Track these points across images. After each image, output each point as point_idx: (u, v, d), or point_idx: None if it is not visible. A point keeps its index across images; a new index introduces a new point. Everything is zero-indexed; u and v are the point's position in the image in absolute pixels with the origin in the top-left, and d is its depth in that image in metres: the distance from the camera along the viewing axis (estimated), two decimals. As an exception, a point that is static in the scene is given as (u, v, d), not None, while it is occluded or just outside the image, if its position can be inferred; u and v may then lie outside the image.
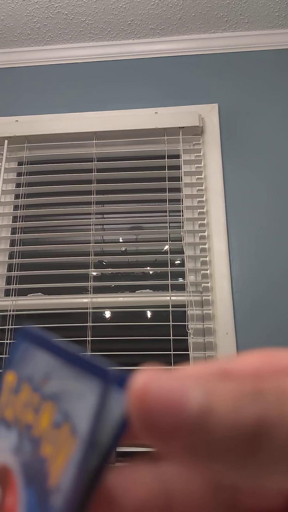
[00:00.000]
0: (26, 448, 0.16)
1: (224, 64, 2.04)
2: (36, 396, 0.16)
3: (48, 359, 0.17)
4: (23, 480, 0.15)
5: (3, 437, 0.17)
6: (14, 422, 0.17)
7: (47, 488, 0.14)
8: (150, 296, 1.74)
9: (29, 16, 1.97)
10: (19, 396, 0.17)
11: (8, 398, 0.18)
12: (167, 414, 0.12)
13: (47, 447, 0.15)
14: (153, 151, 1.93)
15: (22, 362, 0.18)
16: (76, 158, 1.96)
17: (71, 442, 0.14)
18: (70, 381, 0.16)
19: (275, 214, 1.78)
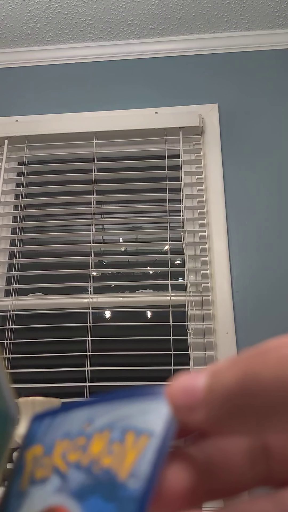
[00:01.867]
0: (76, 478, 0.19)
1: (224, 64, 2.04)
2: (81, 439, 0.20)
3: (79, 414, 0.20)
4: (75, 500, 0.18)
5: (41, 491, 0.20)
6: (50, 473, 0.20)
7: (117, 484, 0.17)
8: (150, 296, 1.74)
9: (29, 16, 1.97)
10: (53, 453, 0.20)
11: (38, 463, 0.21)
12: (186, 395, 0.17)
13: (106, 460, 0.18)
14: (153, 151, 1.93)
15: (46, 434, 0.21)
16: (76, 158, 1.96)
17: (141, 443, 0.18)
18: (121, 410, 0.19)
19: (275, 214, 1.78)
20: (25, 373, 1.64)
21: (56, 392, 1.55)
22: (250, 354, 0.16)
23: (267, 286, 1.67)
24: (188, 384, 0.17)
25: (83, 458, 0.19)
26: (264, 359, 0.16)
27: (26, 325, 1.71)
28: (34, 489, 0.20)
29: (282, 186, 1.81)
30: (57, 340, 1.69)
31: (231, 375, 0.16)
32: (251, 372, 0.15)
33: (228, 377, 0.16)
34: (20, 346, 1.69)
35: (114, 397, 0.20)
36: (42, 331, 1.72)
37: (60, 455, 0.20)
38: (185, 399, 0.17)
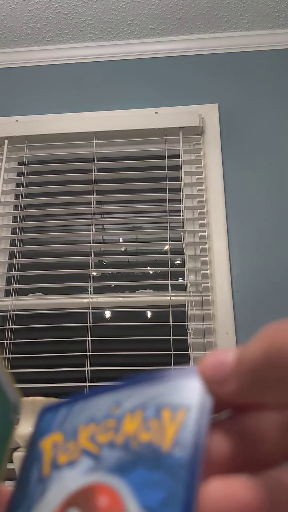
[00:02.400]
0: (110, 457, 0.20)
1: (224, 64, 2.04)
2: (110, 421, 0.21)
3: (103, 399, 0.22)
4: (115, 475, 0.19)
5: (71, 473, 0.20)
6: (78, 456, 0.21)
7: (160, 454, 0.19)
8: (150, 296, 1.74)
9: (29, 16, 1.97)
10: (79, 438, 0.21)
11: (60, 449, 0.22)
12: (217, 369, 0.19)
13: (144, 436, 0.20)
14: (153, 151, 1.93)
15: (65, 422, 0.22)
16: (76, 158, 1.96)
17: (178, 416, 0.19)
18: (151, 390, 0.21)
19: (275, 214, 1.78)
20: (25, 373, 1.63)
21: (56, 392, 1.55)
22: (274, 329, 0.18)
23: (267, 286, 1.67)
24: (218, 359, 0.19)
25: (116, 438, 0.20)
26: (285, 334, 0.17)
27: (26, 325, 1.71)
28: (61, 473, 0.21)
29: (282, 186, 1.81)
30: (57, 340, 1.69)
31: (256, 348, 0.17)
32: (274, 346, 0.17)
33: (254, 350, 0.18)
34: (20, 346, 1.69)
35: (138, 380, 0.21)
36: (42, 331, 1.72)
37: (88, 438, 0.21)
38: (216, 372, 0.19)
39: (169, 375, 0.21)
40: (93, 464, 0.20)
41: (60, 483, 0.20)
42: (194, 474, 0.17)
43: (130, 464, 0.19)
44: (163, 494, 0.18)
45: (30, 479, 0.21)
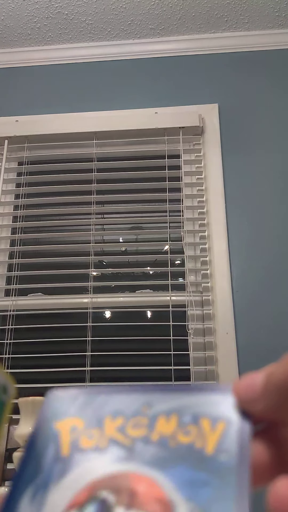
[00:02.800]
0: (145, 450, 0.21)
1: (224, 64, 2.04)
2: (142, 419, 0.23)
3: (131, 398, 0.24)
4: (158, 466, 0.21)
5: (99, 458, 0.22)
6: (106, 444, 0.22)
7: (204, 457, 0.21)
8: (150, 296, 1.74)
9: (29, 16, 1.97)
10: (105, 427, 0.23)
11: (81, 434, 0.23)
12: (248, 390, 0.22)
13: (183, 438, 0.22)
14: (153, 151, 1.93)
15: (86, 410, 0.24)
16: (76, 158, 1.96)
17: (218, 427, 0.22)
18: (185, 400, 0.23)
19: (275, 214, 1.78)
20: (25, 373, 1.63)
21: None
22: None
23: (267, 286, 1.67)
24: (249, 381, 0.22)
25: (151, 435, 0.22)
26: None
27: (26, 325, 1.71)
28: (86, 457, 0.22)
29: (282, 185, 1.81)
30: (57, 340, 1.69)
31: (281, 372, 0.20)
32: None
33: (279, 374, 0.20)
34: (20, 346, 1.69)
35: (170, 387, 0.24)
36: (42, 331, 1.72)
37: (116, 429, 0.23)
38: (247, 394, 0.22)
39: (204, 388, 0.23)
40: (125, 455, 0.22)
41: (86, 466, 0.21)
42: (244, 477, 0.19)
43: (170, 461, 0.21)
44: (212, 492, 0.19)
45: (45, 456, 0.22)
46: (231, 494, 0.19)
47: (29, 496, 0.21)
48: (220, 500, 0.19)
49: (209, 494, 0.19)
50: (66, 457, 0.22)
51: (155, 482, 0.20)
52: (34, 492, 0.21)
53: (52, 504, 0.20)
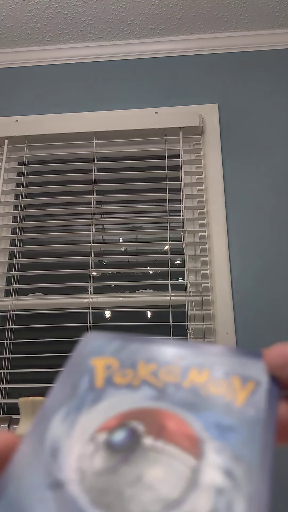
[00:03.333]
0: (176, 393, 0.23)
1: (224, 64, 2.04)
2: (175, 367, 0.25)
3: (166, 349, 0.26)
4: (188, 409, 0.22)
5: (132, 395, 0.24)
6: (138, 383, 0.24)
7: (233, 408, 0.22)
8: (150, 296, 1.74)
9: (29, 16, 1.97)
10: (139, 370, 0.25)
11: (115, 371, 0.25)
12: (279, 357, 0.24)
13: (214, 390, 0.23)
14: (153, 151, 1.93)
15: (121, 353, 0.26)
16: (76, 158, 1.96)
17: (248, 386, 0.23)
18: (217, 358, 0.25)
19: (275, 214, 1.78)
20: (25, 373, 1.63)
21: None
22: None
23: (267, 286, 1.67)
24: (280, 350, 0.24)
25: (183, 382, 0.24)
26: None
27: (26, 325, 1.71)
28: (118, 391, 0.24)
29: (282, 185, 1.81)
30: (57, 340, 1.69)
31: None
32: None
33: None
34: (20, 346, 1.69)
35: (203, 346, 0.26)
36: (42, 331, 1.72)
37: (150, 373, 0.25)
38: (278, 360, 0.24)
39: (236, 351, 0.25)
40: (156, 395, 0.23)
41: (118, 398, 0.23)
42: (270, 430, 0.21)
43: (200, 406, 0.23)
44: (239, 438, 0.21)
45: (79, 385, 0.24)
46: (257, 443, 0.21)
47: (62, 415, 0.23)
48: (246, 445, 0.21)
49: (236, 438, 0.21)
50: (100, 388, 0.24)
51: (184, 421, 0.22)
52: (66, 413, 0.23)
53: (83, 425, 0.22)
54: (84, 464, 0.21)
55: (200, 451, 0.20)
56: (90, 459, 0.21)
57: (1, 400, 1.59)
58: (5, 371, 1.63)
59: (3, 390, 1.61)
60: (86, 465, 0.21)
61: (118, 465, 0.20)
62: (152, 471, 0.20)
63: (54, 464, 0.21)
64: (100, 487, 0.20)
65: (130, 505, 0.19)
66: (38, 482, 0.20)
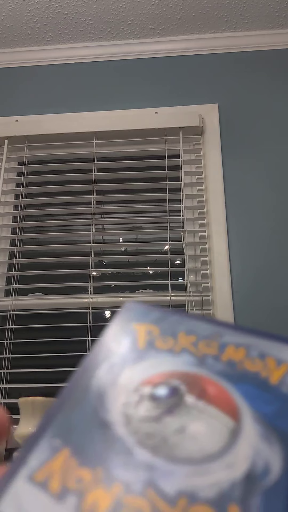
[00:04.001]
0: (215, 364, 0.25)
1: (224, 64, 2.04)
2: (213, 342, 0.26)
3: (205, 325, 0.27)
4: (226, 379, 0.24)
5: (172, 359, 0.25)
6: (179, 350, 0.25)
7: (269, 384, 0.23)
8: (150, 296, 1.74)
9: (29, 16, 1.97)
10: (179, 339, 0.26)
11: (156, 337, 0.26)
12: None
13: (250, 366, 0.24)
14: (153, 151, 1.93)
15: (162, 323, 0.27)
16: (76, 158, 1.96)
17: (282, 367, 0.24)
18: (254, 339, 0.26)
19: (275, 214, 1.78)
20: (25, 373, 1.63)
21: (56, 392, 1.54)
22: None
23: (267, 286, 1.67)
24: None
25: (221, 356, 0.25)
26: None
27: (26, 325, 1.71)
28: (160, 354, 0.25)
29: (282, 185, 1.81)
30: (57, 340, 1.69)
31: None
32: None
33: None
34: (20, 346, 1.69)
35: (240, 327, 0.27)
36: (42, 331, 1.72)
37: (190, 343, 0.26)
38: None
39: (272, 335, 0.26)
40: (196, 362, 0.25)
41: (160, 359, 0.25)
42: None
43: (237, 378, 0.24)
44: (275, 410, 0.22)
45: (121, 344, 0.26)
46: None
47: (106, 368, 0.25)
48: (281, 417, 0.21)
49: (273, 410, 0.22)
50: (142, 349, 0.26)
51: (224, 388, 0.23)
52: (110, 366, 0.25)
53: (128, 377, 0.24)
54: (129, 410, 0.22)
55: (239, 416, 0.22)
56: (135, 407, 0.22)
57: (1, 400, 1.59)
58: (5, 371, 1.63)
59: (3, 390, 1.61)
60: (131, 411, 0.22)
61: (162, 415, 0.22)
62: (194, 425, 0.21)
63: (101, 407, 0.22)
64: (145, 432, 0.21)
65: (175, 451, 0.20)
66: (87, 420, 0.22)
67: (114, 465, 0.20)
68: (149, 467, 0.20)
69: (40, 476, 0.19)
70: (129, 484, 0.19)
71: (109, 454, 0.20)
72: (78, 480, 0.19)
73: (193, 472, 0.19)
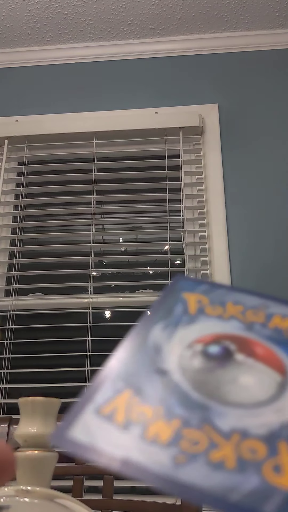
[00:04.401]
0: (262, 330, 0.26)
1: (224, 64, 2.04)
2: (260, 312, 0.27)
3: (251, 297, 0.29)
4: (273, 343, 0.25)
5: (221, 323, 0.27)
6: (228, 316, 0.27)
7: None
8: (150, 296, 1.74)
9: (29, 16, 1.97)
10: (227, 308, 0.28)
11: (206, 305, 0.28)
12: None
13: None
14: (153, 151, 1.93)
15: (210, 294, 0.29)
16: (76, 158, 1.96)
17: None
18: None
19: (275, 214, 1.78)
20: (25, 373, 1.63)
21: (56, 392, 1.54)
22: None
23: (267, 287, 1.67)
24: None
25: (267, 323, 0.27)
26: None
27: (26, 325, 1.71)
28: (210, 319, 0.27)
29: (282, 185, 1.81)
30: (57, 340, 1.69)
31: None
32: None
33: None
34: (20, 346, 1.69)
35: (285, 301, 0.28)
36: (42, 331, 1.72)
37: (238, 312, 0.28)
38: None
39: None
40: (245, 327, 0.26)
41: (210, 323, 0.27)
42: None
43: (284, 343, 0.25)
44: None
45: (174, 309, 0.28)
46: None
47: (161, 327, 0.27)
48: None
49: None
50: (193, 314, 0.28)
51: (271, 349, 0.25)
52: (165, 326, 0.27)
53: (181, 335, 0.26)
54: (184, 362, 0.24)
55: (286, 372, 0.24)
56: (189, 360, 0.25)
57: (1, 400, 1.59)
58: (5, 371, 1.63)
59: (3, 390, 1.61)
60: (186, 363, 0.24)
61: (214, 368, 0.24)
62: (245, 377, 0.23)
63: (158, 357, 0.25)
64: (200, 380, 0.23)
65: (228, 397, 0.22)
66: (145, 368, 0.24)
67: (173, 404, 0.22)
68: (205, 408, 0.22)
69: (106, 410, 0.22)
70: (187, 419, 0.21)
71: (168, 395, 0.23)
72: (140, 415, 0.22)
73: (244, 414, 0.22)
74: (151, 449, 0.20)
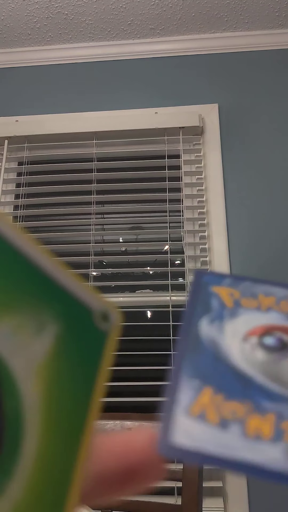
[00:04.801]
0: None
1: (224, 64, 2.04)
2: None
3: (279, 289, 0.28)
4: None
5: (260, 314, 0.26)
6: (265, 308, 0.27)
7: None
8: (150, 296, 1.74)
9: (29, 16, 1.97)
10: (260, 299, 0.27)
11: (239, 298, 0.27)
12: None
13: None
14: (153, 151, 1.93)
15: (239, 286, 0.28)
16: (76, 158, 1.96)
17: None
18: None
19: (275, 214, 1.78)
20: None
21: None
22: None
23: (267, 286, 1.67)
24: None
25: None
26: None
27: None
28: (249, 311, 0.26)
29: (282, 186, 1.81)
30: (57, 340, 1.69)
31: None
32: None
33: None
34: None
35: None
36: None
37: (273, 302, 0.27)
38: None
39: None
40: (281, 317, 0.26)
41: (252, 315, 0.26)
42: None
43: None
44: None
45: (211, 303, 0.27)
46: None
47: (206, 322, 0.26)
48: None
49: None
50: (231, 308, 0.26)
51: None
52: (210, 320, 0.26)
53: (232, 328, 0.25)
54: (248, 355, 0.24)
55: None
56: (251, 352, 0.24)
57: (1, 400, 1.58)
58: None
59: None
60: (250, 356, 0.24)
61: (279, 359, 0.23)
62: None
63: (220, 353, 0.24)
64: (271, 372, 0.23)
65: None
66: (213, 363, 0.23)
67: (258, 398, 0.21)
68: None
69: (195, 411, 0.21)
70: (280, 413, 0.21)
71: (248, 389, 0.22)
72: (232, 412, 0.21)
73: None
74: (260, 447, 0.19)
